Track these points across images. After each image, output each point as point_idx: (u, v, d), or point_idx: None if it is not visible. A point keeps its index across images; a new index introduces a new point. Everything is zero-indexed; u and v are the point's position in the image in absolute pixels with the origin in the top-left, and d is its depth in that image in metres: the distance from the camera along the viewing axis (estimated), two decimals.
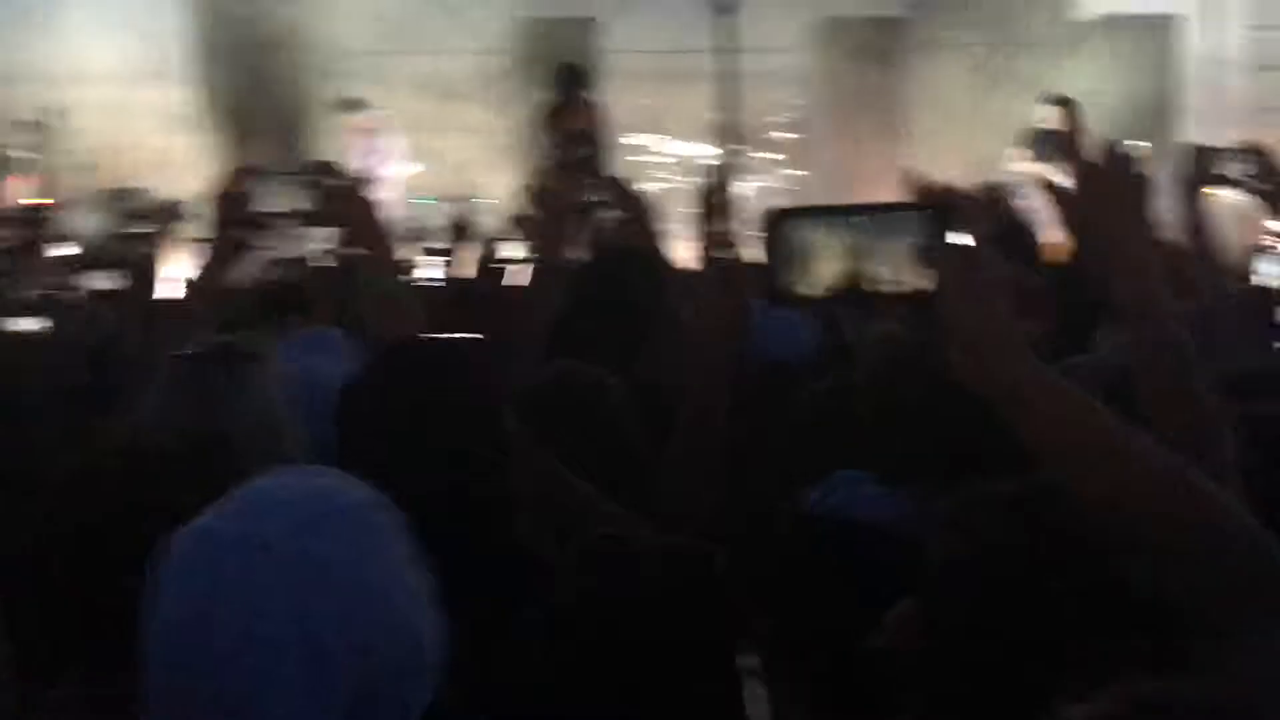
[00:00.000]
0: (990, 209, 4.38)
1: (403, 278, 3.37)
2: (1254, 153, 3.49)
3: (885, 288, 1.41)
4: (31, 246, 6.25)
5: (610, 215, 4.07)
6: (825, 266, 1.43)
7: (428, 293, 4.20)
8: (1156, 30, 14.67)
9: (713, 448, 2.26)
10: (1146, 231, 1.70)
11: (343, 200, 2.72)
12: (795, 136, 12.99)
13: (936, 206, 1.39)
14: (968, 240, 1.37)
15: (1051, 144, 6.49)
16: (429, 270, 5.44)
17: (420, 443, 1.87)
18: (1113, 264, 1.67)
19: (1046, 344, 2.54)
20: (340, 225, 2.78)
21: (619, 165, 9.78)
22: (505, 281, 4.17)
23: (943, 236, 1.37)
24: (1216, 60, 15.07)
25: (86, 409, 2.96)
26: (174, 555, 1.31)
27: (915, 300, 1.39)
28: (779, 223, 1.43)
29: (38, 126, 12.40)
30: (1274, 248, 5.07)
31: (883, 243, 1.39)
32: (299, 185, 2.78)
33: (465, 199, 12.18)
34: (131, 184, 9.62)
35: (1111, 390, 1.56)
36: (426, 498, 1.54)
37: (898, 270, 1.40)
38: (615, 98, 10.84)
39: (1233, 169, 3.44)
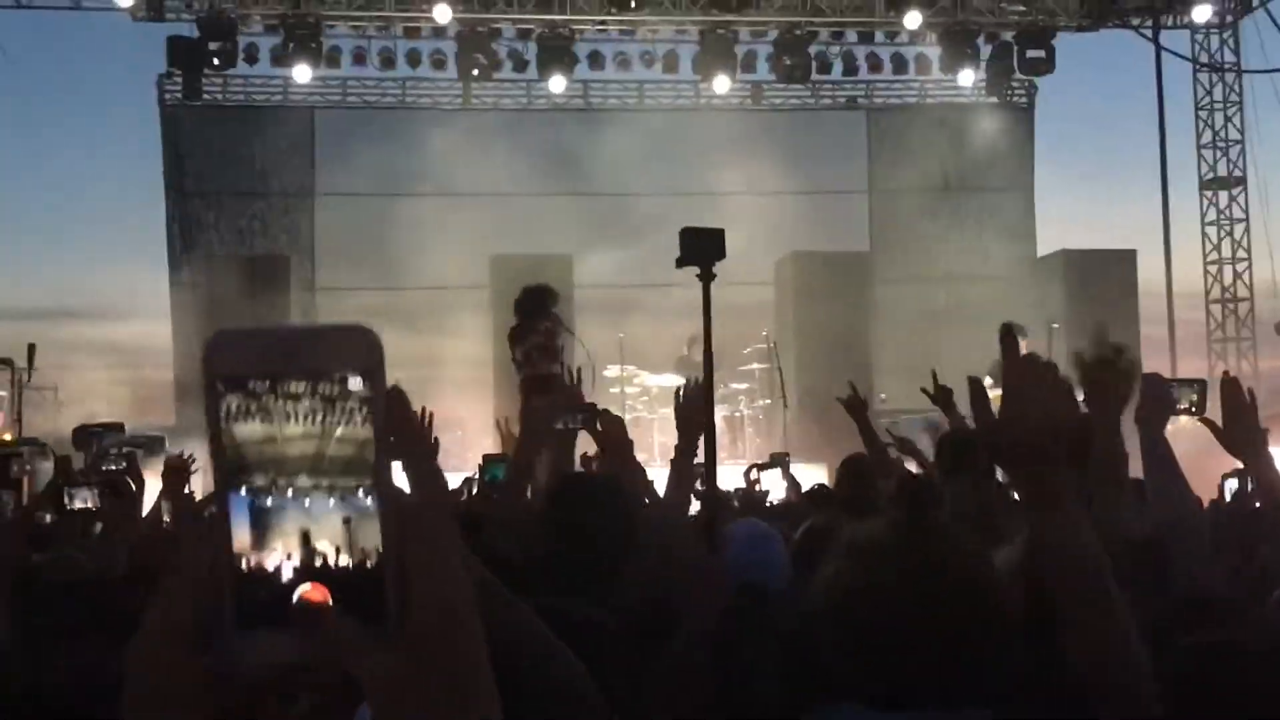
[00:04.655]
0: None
1: None
2: (1196, 383, 3.64)
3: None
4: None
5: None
6: None
7: None
8: (1115, 264, 15.10)
9: (702, 670, 2.19)
10: (1061, 432, 1.66)
11: None
12: (764, 366, 13.14)
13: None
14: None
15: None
16: None
17: None
18: (1021, 451, 1.65)
19: None
20: None
21: (594, 395, 9.82)
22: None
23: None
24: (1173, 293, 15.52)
25: None
26: None
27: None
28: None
29: (6, 364, 12.42)
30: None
31: None
32: None
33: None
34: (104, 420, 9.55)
35: None
36: None
37: None
38: (588, 330, 10.99)
39: (1183, 398, 3.55)
